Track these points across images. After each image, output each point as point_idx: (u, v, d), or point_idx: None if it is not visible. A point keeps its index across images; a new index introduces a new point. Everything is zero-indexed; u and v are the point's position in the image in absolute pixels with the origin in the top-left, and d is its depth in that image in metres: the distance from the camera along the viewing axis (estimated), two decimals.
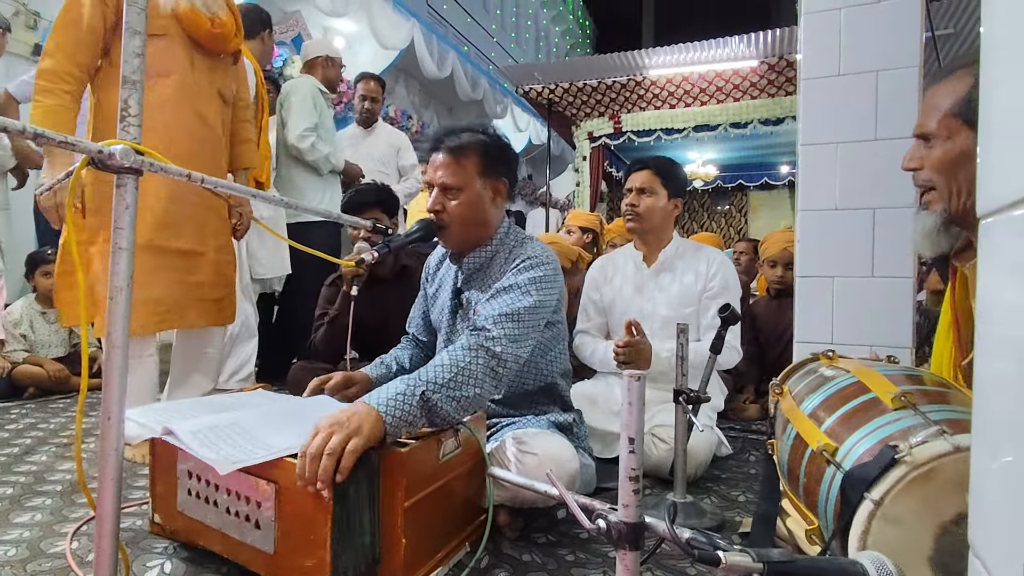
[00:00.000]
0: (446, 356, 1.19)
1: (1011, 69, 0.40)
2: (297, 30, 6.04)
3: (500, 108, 8.89)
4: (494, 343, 1.22)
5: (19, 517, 1.34)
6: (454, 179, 1.39)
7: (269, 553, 1.01)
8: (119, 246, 0.88)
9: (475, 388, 1.17)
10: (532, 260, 1.36)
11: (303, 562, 0.96)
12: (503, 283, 1.34)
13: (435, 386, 1.12)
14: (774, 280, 2.78)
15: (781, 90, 5.24)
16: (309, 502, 0.95)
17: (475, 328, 1.26)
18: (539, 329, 1.32)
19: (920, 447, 0.79)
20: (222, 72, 1.99)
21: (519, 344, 1.26)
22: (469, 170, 1.39)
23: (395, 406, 1.06)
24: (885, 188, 1.70)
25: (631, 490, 0.67)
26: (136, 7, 0.90)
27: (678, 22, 16.99)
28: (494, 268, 1.44)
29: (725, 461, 1.95)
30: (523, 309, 1.28)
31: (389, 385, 1.12)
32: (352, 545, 0.97)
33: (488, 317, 1.27)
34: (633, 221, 2.01)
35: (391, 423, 1.04)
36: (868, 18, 1.74)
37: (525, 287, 1.31)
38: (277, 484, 0.99)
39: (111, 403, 0.88)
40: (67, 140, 0.81)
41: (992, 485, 0.40)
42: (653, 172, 2.00)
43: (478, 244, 1.45)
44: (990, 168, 0.42)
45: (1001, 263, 0.40)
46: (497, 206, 1.45)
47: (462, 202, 1.39)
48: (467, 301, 1.48)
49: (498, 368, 1.22)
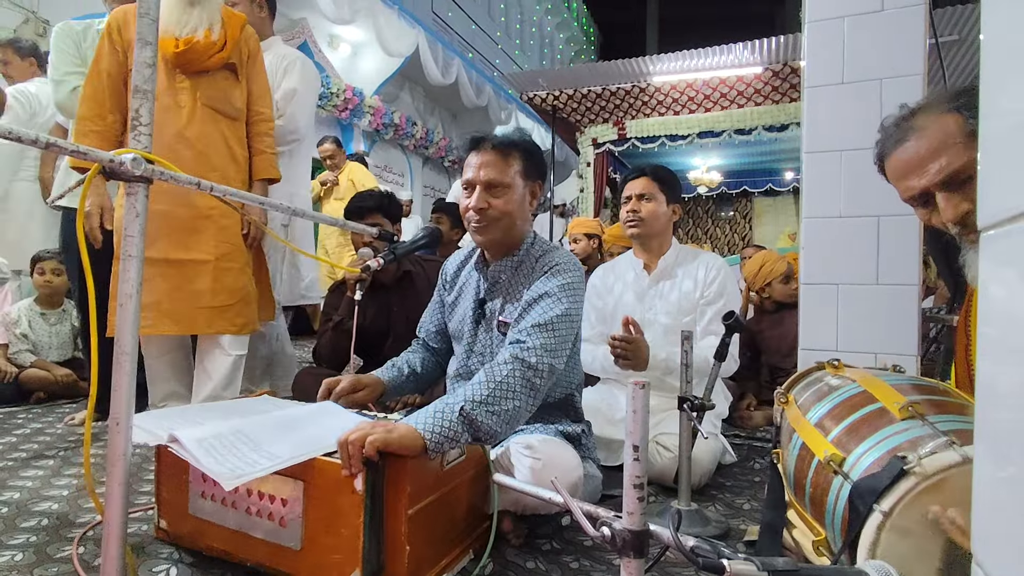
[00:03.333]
0: (483, 373, 1.21)
1: (1011, 77, 0.40)
2: (303, 37, 6.08)
3: (504, 114, 8.93)
4: (529, 354, 1.23)
5: (26, 522, 1.35)
6: (502, 176, 1.39)
7: (295, 550, 1.03)
8: (128, 254, 0.89)
9: (514, 401, 1.18)
10: (560, 266, 1.37)
11: (332, 556, 0.99)
12: (534, 292, 1.35)
13: (473, 403, 1.13)
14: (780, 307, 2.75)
15: (785, 96, 5.25)
16: (343, 497, 0.99)
17: (512, 341, 1.28)
18: (572, 338, 1.33)
19: (929, 458, 0.78)
20: (213, 87, 2.03)
21: (554, 354, 1.27)
22: (515, 168, 1.40)
23: (434, 422, 1.08)
24: (890, 196, 1.68)
25: (635, 497, 0.67)
26: (148, 17, 0.91)
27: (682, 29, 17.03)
28: (520, 277, 1.44)
29: (730, 469, 1.95)
30: (555, 318, 1.29)
31: (428, 406, 1.14)
32: (376, 540, 1.00)
33: (523, 329, 1.28)
34: (636, 227, 2.01)
35: (432, 439, 1.05)
36: (872, 26, 1.74)
37: (556, 295, 1.32)
38: (305, 481, 1.02)
39: (119, 409, 0.88)
40: (79, 149, 0.82)
41: (994, 495, 0.41)
42: (651, 179, 2.01)
43: (510, 249, 1.46)
44: (990, 178, 0.42)
45: (1003, 273, 0.41)
46: (531, 210, 1.46)
47: (509, 199, 1.39)
48: (490, 311, 1.47)
49: (535, 379, 1.22)
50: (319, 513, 1.02)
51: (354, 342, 1.79)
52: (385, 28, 6.29)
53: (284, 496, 1.04)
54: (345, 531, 0.99)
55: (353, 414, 1.31)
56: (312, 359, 2.33)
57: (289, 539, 1.04)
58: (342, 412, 1.32)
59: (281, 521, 1.05)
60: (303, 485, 1.03)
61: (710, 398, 1.44)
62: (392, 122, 7.29)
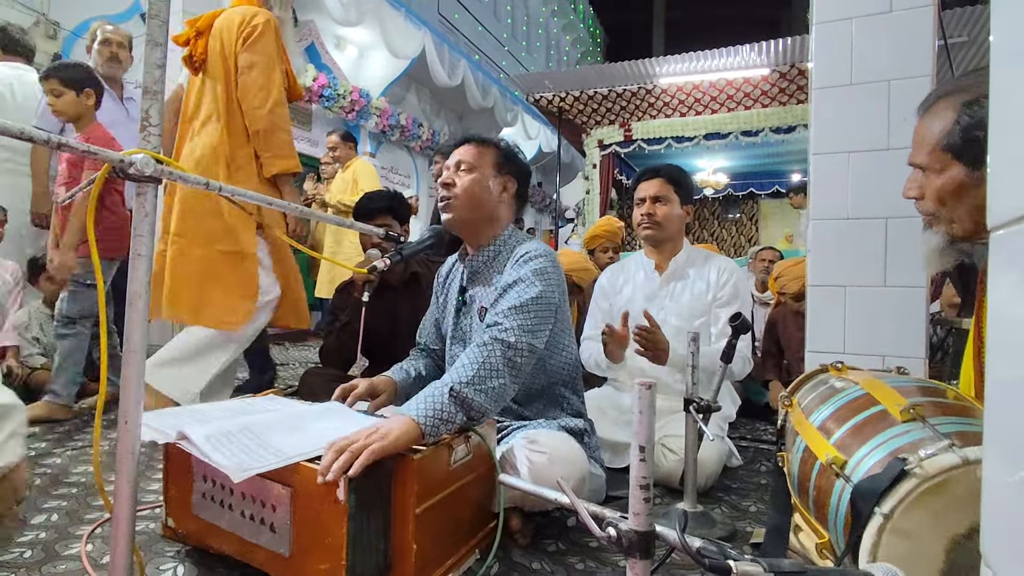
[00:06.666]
0: (465, 356, 1.25)
1: (1021, 79, 0.40)
2: (310, 39, 6.11)
3: (510, 116, 8.94)
4: (507, 334, 1.27)
5: (35, 519, 1.36)
6: (469, 157, 1.48)
7: (284, 556, 1.02)
8: (138, 252, 0.89)
9: (499, 379, 1.22)
10: (531, 253, 1.42)
11: (318, 565, 0.98)
12: (507, 278, 1.40)
13: (461, 384, 1.18)
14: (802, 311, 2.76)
15: (792, 98, 5.23)
16: (326, 506, 0.97)
17: (489, 324, 1.31)
18: (549, 319, 1.37)
19: (930, 460, 0.78)
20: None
21: (532, 334, 1.30)
22: (486, 157, 1.49)
23: (426, 406, 1.12)
24: (898, 198, 1.67)
25: (642, 498, 0.67)
26: (157, 20, 0.92)
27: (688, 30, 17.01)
28: (497, 266, 1.49)
29: (736, 471, 1.94)
30: (530, 300, 1.33)
31: (418, 395, 1.17)
32: (366, 550, 0.98)
33: (499, 312, 1.32)
34: (651, 229, 2.00)
35: (426, 423, 1.09)
36: (880, 27, 1.74)
37: (529, 279, 1.36)
38: (293, 488, 1.01)
39: (128, 407, 0.89)
40: (89, 149, 0.83)
41: (1004, 495, 0.40)
42: (665, 180, 2.00)
43: (483, 238, 1.51)
44: (999, 178, 0.42)
45: (1013, 273, 0.40)
46: (504, 202, 1.52)
47: (472, 179, 1.47)
48: (470, 299, 1.53)
49: (515, 357, 1.26)
50: (305, 521, 1.00)
51: (360, 343, 1.79)
52: (392, 30, 6.32)
53: (273, 502, 1.03)
54: (330, 540, 0.96)
55: (359, 414, 1.32)
56: (319, 359, 2.34)
57: (279, 545, 1.03)
58: (348, 412, 1.33)
59: (272, 527, 1.03)
60: (290, 491, 1.01)
61: (716, 400, 1.43)
62: (398, 123, 7.31)
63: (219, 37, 2.11)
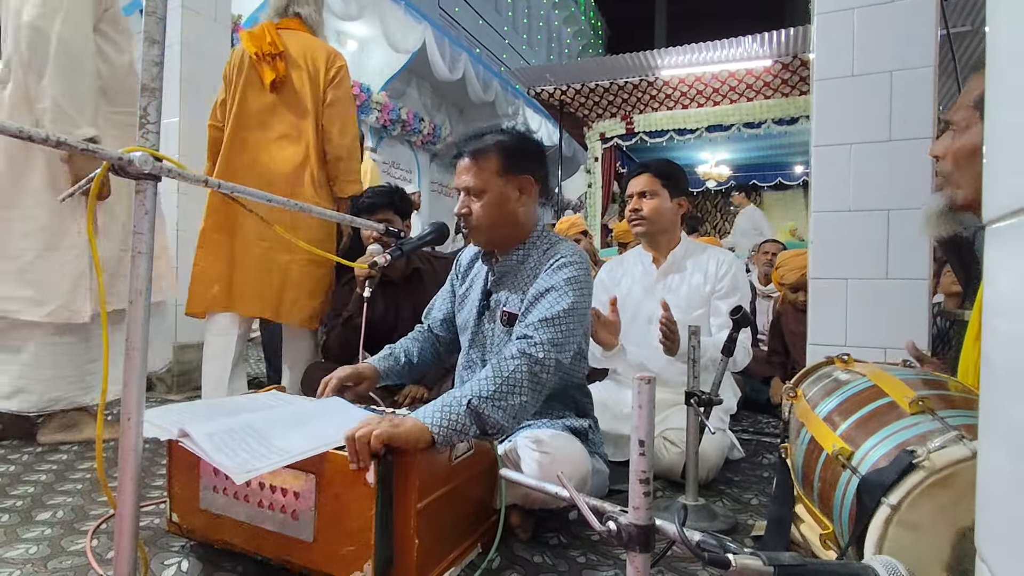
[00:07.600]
0: (490, 368, 1.22)
1: (1017, 71, 0.40)
2: None
3: (512, 110, 8.91)
4: (537, 349, 1.24)
5: (41, 515, 1.37)
6: (475, 181, 1.41)
7: (308, 542, 1.04)
8: (138, 251, 0.89)
9: (520, 396, 1.20)
10: (565, 259, 1.38)
11: (343, 548, 1.01)
12: (540, 286, 1.36)
13: (480, 398, 1.15)
14: (798, 303, 2.76)
15: (795, 89, 5.20)
16: (353, 490, 1.00)
17: (519, 336, 1.29)
18: (579, 332, 1.34)
19: (938, 452, 0.78)
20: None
21: (560, 349, 1.27)
22: (489, 171, 1.41)
23: (442, 415, 1.10)
24: (900, 189, 1.69)
25: (641, 492, 0.67)
26: (155, 16, 0.92)
27: (690, 22, 16.89)
28: (526, 270, 1.45)
29: (737, 464, 1.94)
30: (562, 312, 1.30)
31: (435, 400, 1.15)
32: (386, 533, 1.01)
33: (530, 324, 1.29)
34: (639, 225, 2.01)
35: (440, 432, 1.07)
36: (882, 17, 1.73)
37: (562, 288, 1.33)
38: (317, 475, 1.03)
39: (130, 404, 0.89)
40: (88, 148, 0.83)
41: (1000, 488, 0.40)
42: (652, 175, 1.99)
43: (511, 244, 1.47)
44: (996, 171, 0.42)
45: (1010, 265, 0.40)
46: (525, 204, 1.45)
47: (485, 203, 1.41)
48: (495, 303, 1.48)
49: (541, 374, 1.24)
50: (331, 506, 1.03)
51: (363, 338, 1.80)
52: (392, 24, 6.29)
53: (296, 489, 1.06)
54: (356, 524, 1.00)
55: (360, 409, 1.32)
56: (321, 354, 2.34)
57: (301, 532, 1.05)
58: (350, 407, 1.33)
59: (293, 514, 1.06)
60: (315, 478, 1.04)
61: (718, 393, 1.43)
62: (399, 118, 7.30)
63: (304, 68, 2.29)
